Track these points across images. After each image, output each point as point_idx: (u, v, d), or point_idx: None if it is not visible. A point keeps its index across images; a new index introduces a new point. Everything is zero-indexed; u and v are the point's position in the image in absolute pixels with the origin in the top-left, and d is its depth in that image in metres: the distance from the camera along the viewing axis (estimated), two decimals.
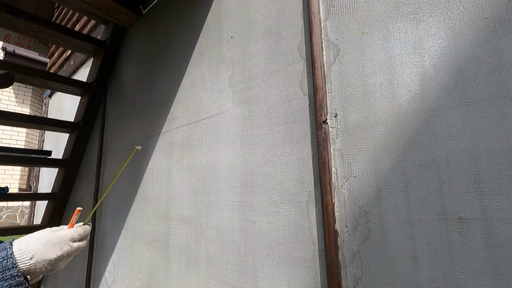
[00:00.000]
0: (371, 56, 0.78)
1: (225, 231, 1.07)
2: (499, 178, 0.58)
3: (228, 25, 1.23)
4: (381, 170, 0.73)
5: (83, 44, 1.90)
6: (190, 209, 1.24)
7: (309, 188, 0.86)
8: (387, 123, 0.73)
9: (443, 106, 0.65)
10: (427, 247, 0.64)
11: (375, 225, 0.72)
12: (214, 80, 1.24)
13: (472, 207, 0.60)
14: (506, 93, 0.58)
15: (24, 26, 1.67)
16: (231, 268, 1.03)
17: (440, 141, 0.65)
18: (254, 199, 1.00)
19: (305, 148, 0.89)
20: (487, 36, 0.62)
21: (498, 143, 0.58)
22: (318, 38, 0.88)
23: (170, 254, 1.29)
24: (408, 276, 0.66)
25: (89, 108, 2.02)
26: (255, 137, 1.03)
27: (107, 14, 1.77)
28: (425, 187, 0.66)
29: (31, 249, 0.67)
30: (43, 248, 0.69)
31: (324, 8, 0.90)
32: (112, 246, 1.69)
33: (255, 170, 1.01)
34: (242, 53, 1.14)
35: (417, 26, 0.71)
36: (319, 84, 0.86)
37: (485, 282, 0.57)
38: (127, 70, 1.89)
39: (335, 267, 0.75)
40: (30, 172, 6.13)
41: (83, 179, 2.12)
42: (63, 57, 3.09)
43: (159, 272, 1.33)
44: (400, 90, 0.72)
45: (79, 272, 1.94)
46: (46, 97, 3.64)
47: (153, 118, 1.56)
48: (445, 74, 0.66)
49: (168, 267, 1.29)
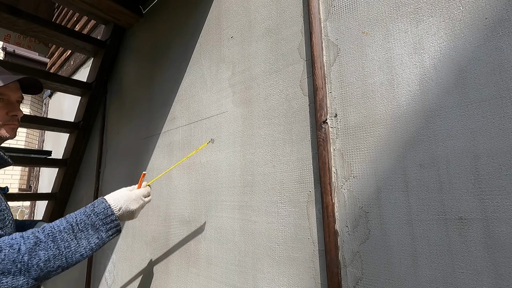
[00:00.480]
0: (371, 56, 0.78)
1: (225, 231, 1.07)
2: (499, 178, 0.58)
3: (228, 25, 1.23)
4: (381, 170, 0.73)
5: (83, 44, 1.90)
6: (190, 209, 1.24)
7: (309, 188, 0.86)
8: (387, 123, 0.73)
9: (443, 106, 0.65)
10: (427, 247, 0.64)
11: (375, 225, 0.72)
12: (214, 80, 1.24)
13: (472, 207, 0.60)
14: (506, 93, 0.58)
15: (24, 26, 1.67)
16: (231, 268, 1.03)
17: (440, 141, 0.65)
18: (254, 199, 1.00)
19: (305, 148, 0.89)
20: (487, 36, 0.62)
21: (498, 143, 0.58)
22: (318, 38, 0.88)
23: (170, 254, 1.29)
24: (408, 276, 0.66)
25: (89, 108, 2.02)
26: (255, 137, 1.03)
27: (107, 14, 1.77)
28: (425, 187, 0.66)
29: (118, 203, 0.90)
30: (126, 202, 0.92)
31: (324, 8, 0.90)
32: (112, 246, 1.69)
33: (255, 170, 1.01)
34: (242, 53, 1.14)
35: (417, 26, 0.71)
36: (319, 84, 0.86)
37: (485, 282, 0.57)
38: (127, 70, 1.89)
39: (335, 267, 0.75)
40: (30, 172, 6.14)
41: (83, 179, 2.12)
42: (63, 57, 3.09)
43: (159, 272, 1.33)
44: (400, 90, 0.72)
45: (79, 272, 1.94)
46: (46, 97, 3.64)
47: (153, 118, 1.56)
48: (445, 74, 0.66)
49: (168, 267, 1.29)
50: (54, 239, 0.78)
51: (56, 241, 0.78)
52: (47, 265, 0.75)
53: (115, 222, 0.86)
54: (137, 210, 0.96)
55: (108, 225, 0.86)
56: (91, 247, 0.83)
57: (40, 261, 0.74)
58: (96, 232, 0.84)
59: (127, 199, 0.94)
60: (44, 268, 0.75)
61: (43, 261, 0.75)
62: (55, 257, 0.77)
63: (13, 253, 0.72)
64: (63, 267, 0.78)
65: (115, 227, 0.87)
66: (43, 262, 0.75)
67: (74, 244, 0.80)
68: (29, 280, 0.74)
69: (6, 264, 0.70)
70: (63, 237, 0.79)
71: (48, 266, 0.76)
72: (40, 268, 0.74)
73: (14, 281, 0.72)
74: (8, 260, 0.71)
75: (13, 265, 0.71)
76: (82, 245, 0.82)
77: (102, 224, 0.85)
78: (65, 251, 0.79)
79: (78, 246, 0.81)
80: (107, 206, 0.87)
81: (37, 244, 0.75)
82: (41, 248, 0.75)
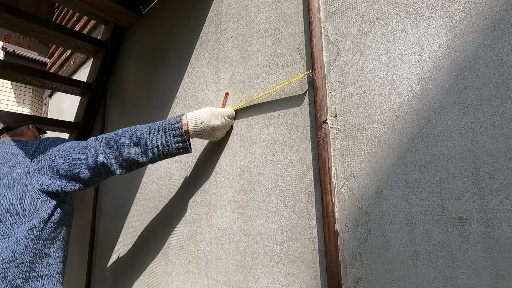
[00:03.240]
0: (371, 56, 0.78)
1: (225, 231, 1.07)
2: (499, 178, 0.58)
3: (228, 25, 1.23)
4: (381, 170, 0.73)
5: (83, 44, 1.90)
6: (190, 209, 1.24)
7: (309, 188, 0.86)
8: (387, 123, 0.73)
9: (443, 106, 0.65)
10: (427, 247, 0.64)
11: (375, 225, 0.72)
12: (214, 80, 1.24)
13: (472, 207, 0.60)
14: (506, 93, 0.58)
15: (24, 26, 1.66)
16: (231, 268, 1.02)
17: (440, 141, 0.65)
18: (254, 199, 1.00)
19: (305, 148, 0.89)
20: (487, 36, 0.62)
21: (498, 143, 0.58)
22: (318, 38, 0.88)
23: (170, 254, 1.29)
24: (408, 276, 0.66)
25: (89, 108, 2.02)
26: (255, 137, 1.03)
27: (107, 14, 1.77)
28: (425, 187, 0.66)
29: (201, 116, 0.99)
30: (209, 117, 1.00)
31: (324, 8, 0.90)
32: (112, 246, 1.69)
33: (255, 170, 1.01)
34: (242, 53, 1.14)
35: (417, 26, 0.71)
36: (319, 84, 0.86)
37: (485, 282, 0.57)
38: (127, 70, 1.89)
39: (335, 267, 0.75)
40: None
41: None
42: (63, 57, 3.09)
43: (159, 272, 1.33)
44: (400, 90, 0.72)
45: (79, 272, 1.94)
46: (46, 97, 3.64)
47: (153, 118, 1.56)
48: (445, 74, 0.66)
49: (168, 267, 1.29)
50: (136, 129, 0.99)
51: (137, 131, 0.98)
52: (129, 146, 0.96)
53: (180, 131, 0.96)
54: (219, 128, 1.03)
55: (175, 131, 0.96)
56: (157, 145, 0.96)
57: (125, 142, 0.96)
58: (164, 133, 0.96)
59: (210, 113, 1.01)
60: (126, 148, 0.96)
61: (127, 142, 0.96)
62: (133, 142, 0.96)
63: (114, 134, 1.00)
64: (138, 153, 0.97)
65: (180, 136, 0.96)
66: (127, 143, 0.96)
67: (146, 137, 0.96)
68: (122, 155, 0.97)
69: (111, 141, 0.98)
70: (142, 130, 0.98)
71: (129, 148, 0.96)
72: (123, 148, 0.96)
73: (115, 154, 0.97)
74: (112, 139, 0.99)
75: (114, 142, 0.98)
76: (151, 141, 0.96)
77: (170, 129, 0.96)
78: (140, 140, 0.96)
79: (148, 140, 0.96)
80: (179, 117, 0.99)
81: (127, 131, 1.00)
82: (128, 134, 0.98)
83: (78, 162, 0.98)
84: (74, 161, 0.99)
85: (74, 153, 1.00)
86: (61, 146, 1.04)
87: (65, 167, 0.99)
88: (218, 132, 1.04)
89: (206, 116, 0.99)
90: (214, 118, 1.01)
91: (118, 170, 0.98)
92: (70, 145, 1.04)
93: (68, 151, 1.01)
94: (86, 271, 1.82)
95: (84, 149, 0.99)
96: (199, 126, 0.98)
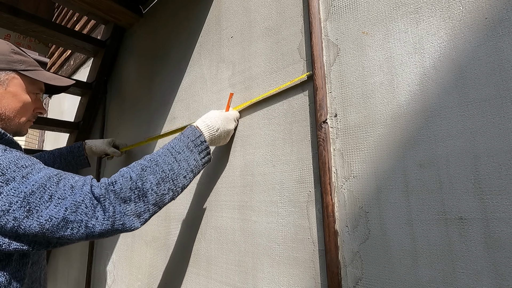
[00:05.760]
0: (371, 56, 0.78)
1: (225, 231, 1.07)
2: (499, 178, 0.58)
3: (228, 25, 1.23)
4: (381, 170, 0.73)
5: (83, 44, 1.90)
6: (190, 209, 1.24)
7: (309, 188, 0.86)
8: (387, 123, 0.73)
9: (443, 106, 0.65)
10: (427, 247, 0.64)
11: (375, 225, 0.72)
12: (214, 80, 1.24)
13: (472, 207, 0.60)
14: (506, 93, 0.58)
15: (24, 26, 1.66)
16: (231, 268, 1.02)
17: (440, 141, 0.65)
18: (254, 199, 1.00)
19: (305, 148, 0.89)
20: (487, 36, 0.62)
21: (498, 143, 0.58)
22: (318, 38, 0.88)
23: (170, 254, 1.29)
24: (408, 276, 0.66)
25: (89, 108, 2.02)
26: (255, 137, 1.03)
27: (107, 14, 1.77)
28: (425, 187, 0.66)
29: (215, 124, 0.92)
30: (223, 122, 0.94)
31: (324, 8, 0.90)
32: (112, 246, 1.69)
33: (255, 170, 1.01)
34: (242, 53, 1.14)
35: (417, 26, 0.71)
36: (319, 84, 0.86)
37: (485, 282, 0.57)
38: (127, 70, 1.89)
39: (335, 267, 0.75)
40: None
41: None
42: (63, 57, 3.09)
43: (159, 272, 1.33)
44: (400, 90, 0.72)
45: (79, 272, 1.94)
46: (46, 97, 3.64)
47: (153, 118, 1.56)
48: (445, 74, 0.66)
49: (168, 267, 1.29)
50: (157, 163, 0.79)
51: (160, 165, 0.79)
52: (159, 188, 0.77)
53: (205, 144, 0.87)
54: (231, 132, 0.97)
55: (200, 146, 0.86)
56: (191, 169, 0.84)
57: (152, 185, 0.76)
58: (191, 153, 0.85)
59: (224, 118, 0.95)
60: (158, 191, 0.77)
61: (154, 184, 0.76)
62: (163, 179, 0.78)
63: (127, 181, 0.74)
64: (173, 190, 0.80)
65: (206, 150, 0.88)
66: (155, 185, 0.76)
67: (176, 166, 0.81)
68: (149, 206, 0.76)
69: (125, 192, 0.72)
70: (165, 160, 0.80)
71: (160, 189, 0.77)
72: (154, 192, 0.76)
73: (137, 208, 0.74)
74: (126, 188, 0.73)
75: (131, 192, 0.73)
76: (183, 167, 0.82)
77: (194, 146, 0.85)
78: (170, 173, 0.79)
79: (180, 168, 0.81)
80: (196, 130, 0.88)
81: (144, 170, 0.77)
82: (149, 173, 0.77)
83: (62, 225, 0.63)
84: (53, 223, 0.62)
85: (53, 207, 0.63)
86: (20, 184, 0.62)
87: (33, 227, 0.61)
88: (230, 137, 1.00)
89: (220, 122, 0.93)
90: (228, 123, 0.97)
91: (138, 225, 0.74)
92: (39, 185, 0.63)
93: (38, 198, 0.62)
94: (86, 271, 1.82)
95: (75, 205, 0.64)
96: (215, 134, 0.92)
